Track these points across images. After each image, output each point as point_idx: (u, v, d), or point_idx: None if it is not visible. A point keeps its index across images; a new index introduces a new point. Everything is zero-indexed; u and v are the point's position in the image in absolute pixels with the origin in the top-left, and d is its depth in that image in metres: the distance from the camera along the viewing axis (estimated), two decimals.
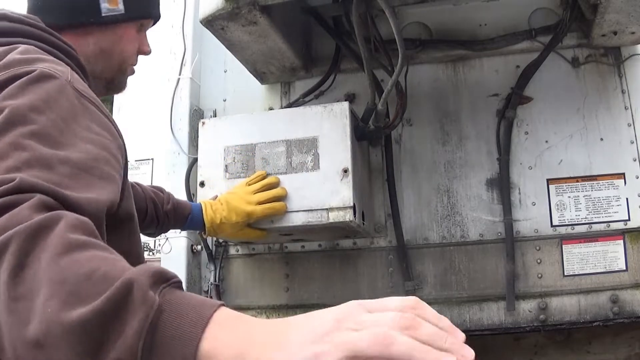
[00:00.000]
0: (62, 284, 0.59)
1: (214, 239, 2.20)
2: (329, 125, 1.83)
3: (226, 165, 1.90)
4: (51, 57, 1.00)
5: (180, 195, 2.17)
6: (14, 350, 0.58)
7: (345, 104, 1.85)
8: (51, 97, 0.87)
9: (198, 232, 2.01)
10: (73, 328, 0.56)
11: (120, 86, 1.30)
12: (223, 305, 0.61)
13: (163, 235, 1.90)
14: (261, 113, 2.24)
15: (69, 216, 0.68)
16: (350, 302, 0.62)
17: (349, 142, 1.80)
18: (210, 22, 1.79)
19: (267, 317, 2.14)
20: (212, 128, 1.95)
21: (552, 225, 2.02)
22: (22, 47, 0.98)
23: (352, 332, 0.57)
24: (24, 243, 0.62)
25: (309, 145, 1.83)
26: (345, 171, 1.77)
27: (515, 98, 2.10)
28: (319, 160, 1.81)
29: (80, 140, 0.87)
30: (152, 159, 2.47)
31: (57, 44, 1.06)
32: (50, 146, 0.80)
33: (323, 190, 1.78)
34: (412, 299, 0.63)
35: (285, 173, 1.83)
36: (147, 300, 0.57)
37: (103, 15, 1.15)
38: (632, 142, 2.03)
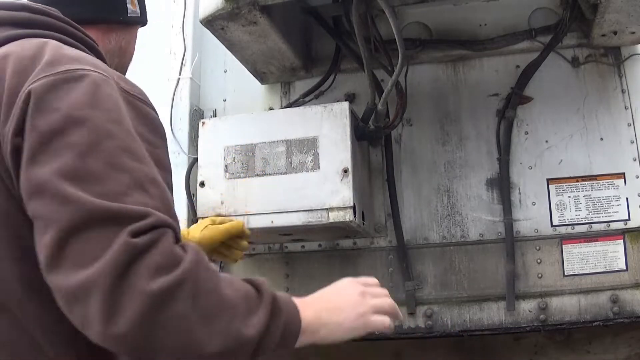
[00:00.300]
0: (235, 308, 0.80)
1: None
2: (329, 125, 1.83)
3: (226, 165, 1.89)
4: (91, 56, 0.99)
5: (181, 195, 2.17)
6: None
7: (345, 104, 1.85)
8: (118, 106, 0.86)
9: None
10: (254, 338, 0.80)
11: None
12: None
13: None
14: (261, 113, 2.24)
15: (197, 249, 0.81)
16: (347, 279, 1.04)
17: (349, 142, 1.80)
18: (210, 22, 1.79)
19: None
20: (212, 128, 1.95)
21: (552, 225, 2.02)
22: (53, 42, 0.95)
23: (373, 299, 0.99)
24: (195, 279, 0.76)
25: (309, 145, 1.83)
26: (345, 171, 1.77)
27: (515, 98, 2.10)
28: (319, 160, 1.81)
29: (148, 151, 0.87)
30: None
31: (81, 37, 1.05)
32: (138, 162, 0.82)
33: (323, 190, 1.78)
34: (374, 279, 1.06)
35: (285, 173, 1.83)
36: (281, 308, 0.86)
37: (129, 15, 1.19)
38: (632, 142, 2.03)
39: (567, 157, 2.06)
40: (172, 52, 2.35)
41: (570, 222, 2.01)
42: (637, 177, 2.00)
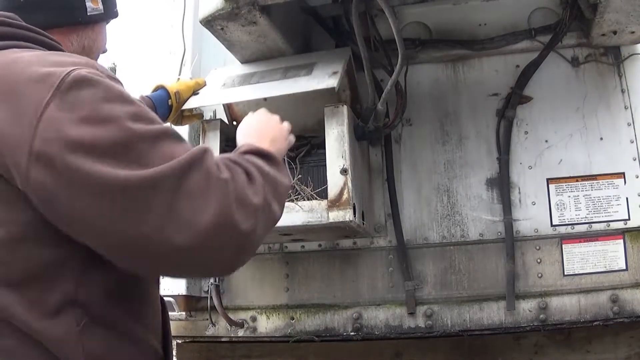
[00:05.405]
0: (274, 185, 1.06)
1: None
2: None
3: None
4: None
5: None
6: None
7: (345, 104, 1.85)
8: None
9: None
10: (287, 185, 1.11)
11: None
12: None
13: None
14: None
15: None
16: (261, 111, 1.33)
17: (348, 142, 1.80)
18: (210, 22, 1.79)
19: (267, 318, 2.14)
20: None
21: (552, 225, 2.02)
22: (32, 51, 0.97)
23: (283, 124, 1.31)
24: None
25: None
26: (345, 171, 1.77)
27: (515, 97, 2.10)
28: None
29: None
30: None
31: (46, 42, 1.06)
32: None
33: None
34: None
35: None
36: (277, 161, 1.10)
37: (89, 14, 1.19)
38: (632, 142, 2.03)
39: (566, 157, 2.06)
40: (172, 52, 2.35)
41: (570, 222, 2.01)
42: (637, 176, 2.00)
